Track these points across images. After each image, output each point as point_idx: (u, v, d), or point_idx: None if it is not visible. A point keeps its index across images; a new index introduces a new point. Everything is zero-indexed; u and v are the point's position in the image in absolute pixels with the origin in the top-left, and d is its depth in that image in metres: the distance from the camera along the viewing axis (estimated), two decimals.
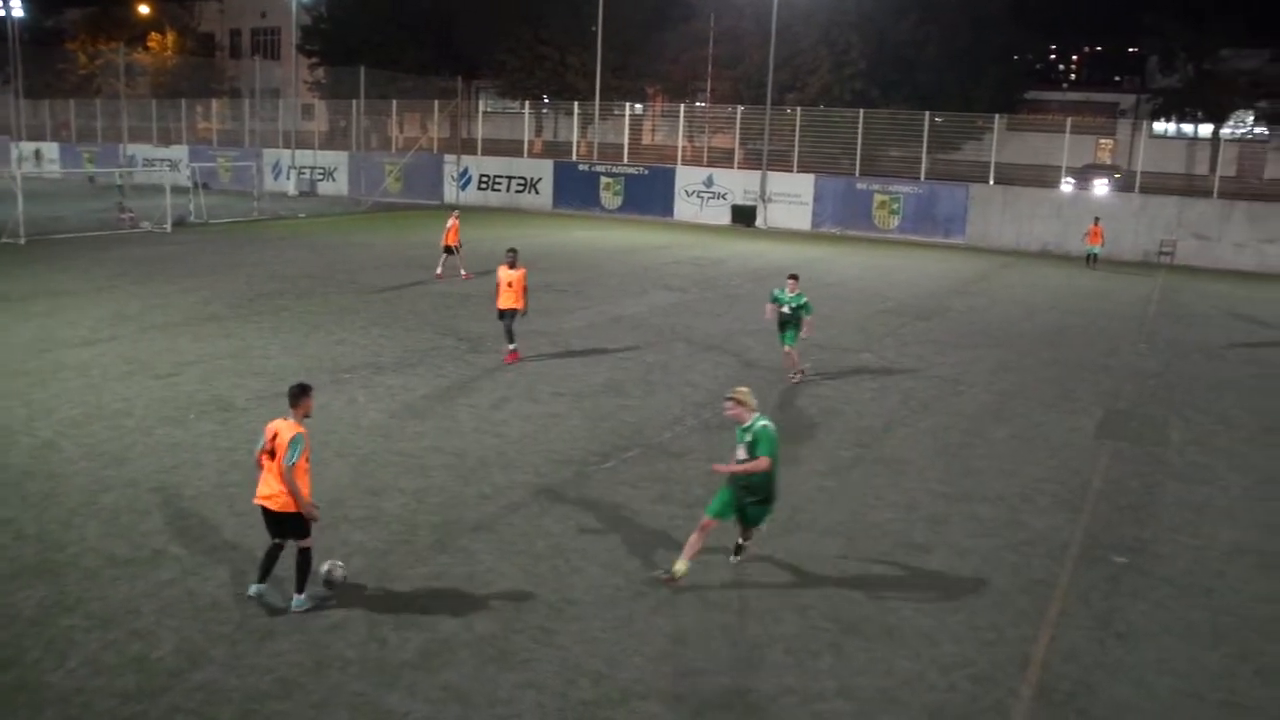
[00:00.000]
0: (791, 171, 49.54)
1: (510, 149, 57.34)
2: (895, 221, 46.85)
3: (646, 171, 52.18)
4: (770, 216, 49.08)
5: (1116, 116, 70.12)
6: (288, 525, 9.31)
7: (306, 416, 9.41)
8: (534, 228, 44.09)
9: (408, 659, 8.73)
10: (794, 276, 18.73)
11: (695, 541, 10.29)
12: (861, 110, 49.44)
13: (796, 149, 49.57)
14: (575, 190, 52.98)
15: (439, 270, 29.33)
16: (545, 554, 10.89)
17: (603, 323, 23.54)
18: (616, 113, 56.45)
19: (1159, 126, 64.89)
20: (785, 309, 18.51)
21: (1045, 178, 48.25)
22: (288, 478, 9.05)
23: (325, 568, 9.79)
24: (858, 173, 48.69)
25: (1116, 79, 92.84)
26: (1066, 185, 48.75)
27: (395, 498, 12.28)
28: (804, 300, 18.45)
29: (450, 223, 30.11)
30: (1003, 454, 15.25)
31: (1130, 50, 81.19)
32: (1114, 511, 13.09)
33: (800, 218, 48.82)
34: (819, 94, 55.31)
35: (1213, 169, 52.60)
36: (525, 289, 19.21)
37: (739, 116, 52.21)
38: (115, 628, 9.01)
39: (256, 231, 39.49)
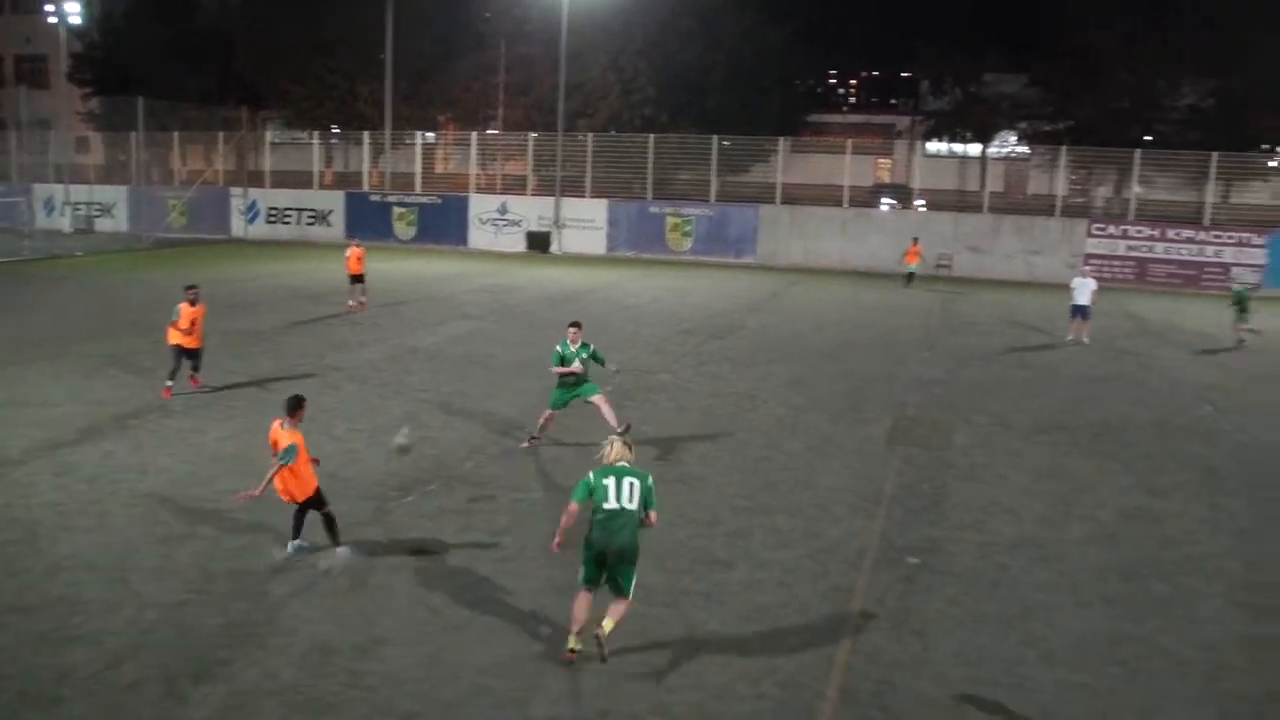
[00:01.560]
0: (585, 197, 50.02)
1: (300, 180, 55.92)
2: (688, 243, 47.86)
3: (440, 200, 51.80)
4: (565, 242, 49.40)
5: (893, 137, 73.41)
6: (309, 504, 11.42)
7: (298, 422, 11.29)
8: (326, 260, 43.10)
9: (210, 714, 8.44)
10: (576, 325, 16.37)
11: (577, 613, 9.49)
12: (651, 135, 50.36)
13: (589, 174, 50.10)
14: (368, 221, 52.06)
15: (350, 302, 29.46)
16: (350, 594, 10.70)
17: (400, 354, 23.25)
18: (408, 141, 55.81)
19: (932, 146, 68.20)
20: (576, 365, 16.02)
21: (830, 197, 50.07)
22: (274, 469, 10.99)
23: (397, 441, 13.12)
24: (650, 196, 49.54)
25: (892, 102, 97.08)
26: (885, 205, 50.95)
27: (189, 545, 11.84)
28: (591, 349, 16.26)
29: (350, 251, 29.89)
30: (799, 466, 15.76)
31: (904, 74, 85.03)
32: (906, 514, 13.71)
33: (595, 242, 49.31)
34: (610, 119, 56.01)
35: (982, 185, 55.59)
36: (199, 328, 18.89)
37: (531, 143, 52.45)
38: None
39: (30, 272, 37.42)
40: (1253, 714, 9.07)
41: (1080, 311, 28.01)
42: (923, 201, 52.51)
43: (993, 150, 65.51)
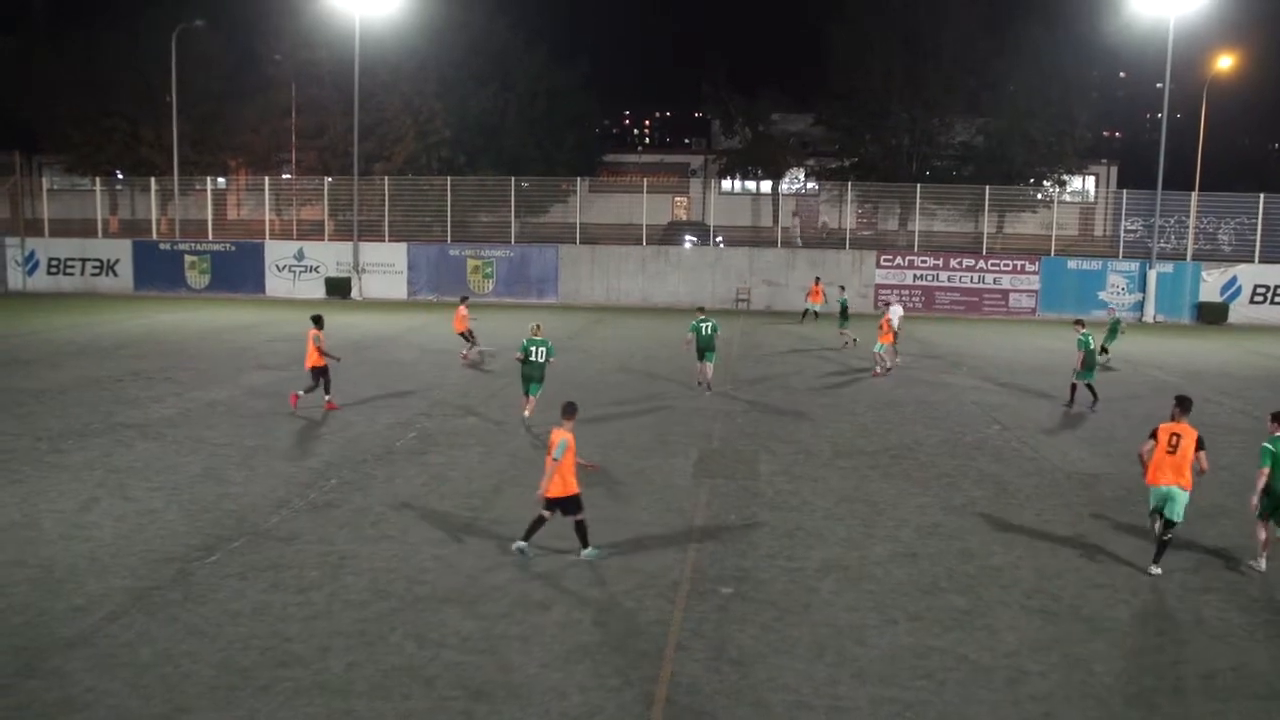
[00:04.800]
0: (384, 241, 49.42)
1: (83, 229, 53.41)
2: (490, 285, 47.76)
3: (234, 248, 50.34)
4: (366, 287, 48.66)
5: (688, 175, 75.07)
6: (564, 506, 12.93)
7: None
8: (114, 312, 41.32)
9: None
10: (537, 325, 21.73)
11: None
12: (449, 177, 50.27)
13: (387, 218, 49.60)
14: (158, 270, 50.21)
15: (467, 352, 29.73)
16: (152, 662, 10.20)
17: (197, 409, 22.38)
18: (198, 187, 54.05)
19: (726, 184, 69.99)
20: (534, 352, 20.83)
21: (629, 235, 50.81)
22: (550, 467, 12.66)
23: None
24: (449, 239, 49.33)
25: (686, 141, 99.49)
26: (688, 242, 51.91)
27: None
28: (548, 344, 21.16)
29: (460, 311, 30.10)
30: (610, 503, 15.85)
31: (696, 115, 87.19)
32: (717, 545, 13.94)
33: (396, 287, 48.78)
34: (407, 162, 55.55)
35: (775, 221, 57.41)
36: None
37: (327, 187, 51.59)
38: None
39: None
40: (1047, 714, 9.55)
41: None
42: (720, 238, 53.87)
43: (783, 186, 67.76)
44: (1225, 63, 63.12)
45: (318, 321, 22.32)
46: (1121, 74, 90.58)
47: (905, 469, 18.36)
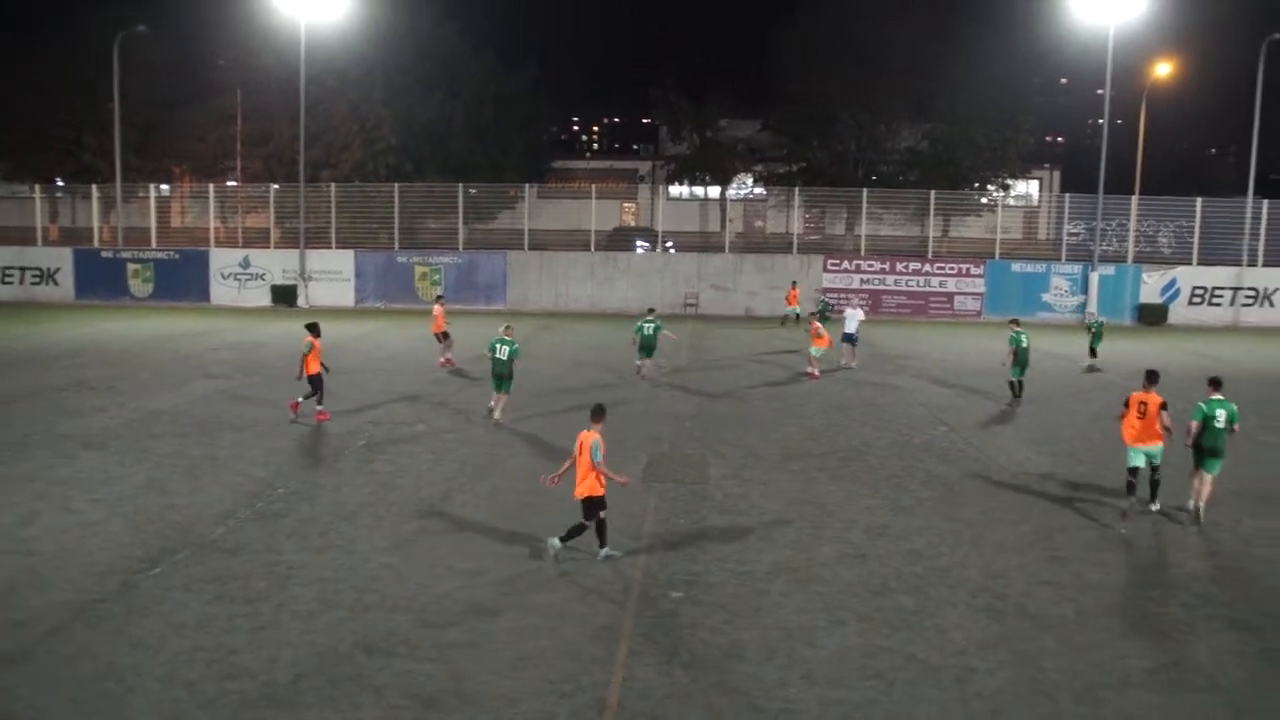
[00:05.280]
0: (331, 248, 49.05)
1: (21, 237, 52.47)
2: (438, 292, 47.48)
3: (178, 255, 49.73)
4: (312, 295, 48.27)
5: (637, 181, 75.18)
6: (587, 506, 13.17)
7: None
8: (55, 322, 40.68)
9: None
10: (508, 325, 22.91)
11: None
12: (396, 184, 49.99)
13: (334, 225, 49.20)
14: (100, 279, 49.47)
15: (445, 357, 29.72)
16: (94, 677, 10.03)
17: (140, 418, 22.06)
18: (141, 195, 53.30)
19: (675, 190, 70.14)
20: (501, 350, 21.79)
21: (578, 241, 50.80)
22: (598, 467, 13.02)
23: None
24: (397, 246, 49.06)
25: (634, 147, 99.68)
26: (640, 247, 52.01)
27: None
28: (514, 345, 22.17)
29: (438, 310, 30.45)
30: (561, 509, 15.77)
31: (644, 121, 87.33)
32: (667, 549, 13.95)
33: (343, 294, 48.42)
34: (353, 169, 55.15)
35: (723, 226, 57.63)
36: None
37: (273, 195, 51.13)
38: None
39: None
40: (994, 711, 9.65)
41: (849, 339, 30.80)
42: (671, 244, 54.02)
43: (731, 192, 68.04)
44: (1164, 70, 64.24)
45: (313, 329, 22.23)
46: (1063, 80, 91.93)
47: (854, 471, 18.49)
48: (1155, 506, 15.96)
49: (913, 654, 10.82)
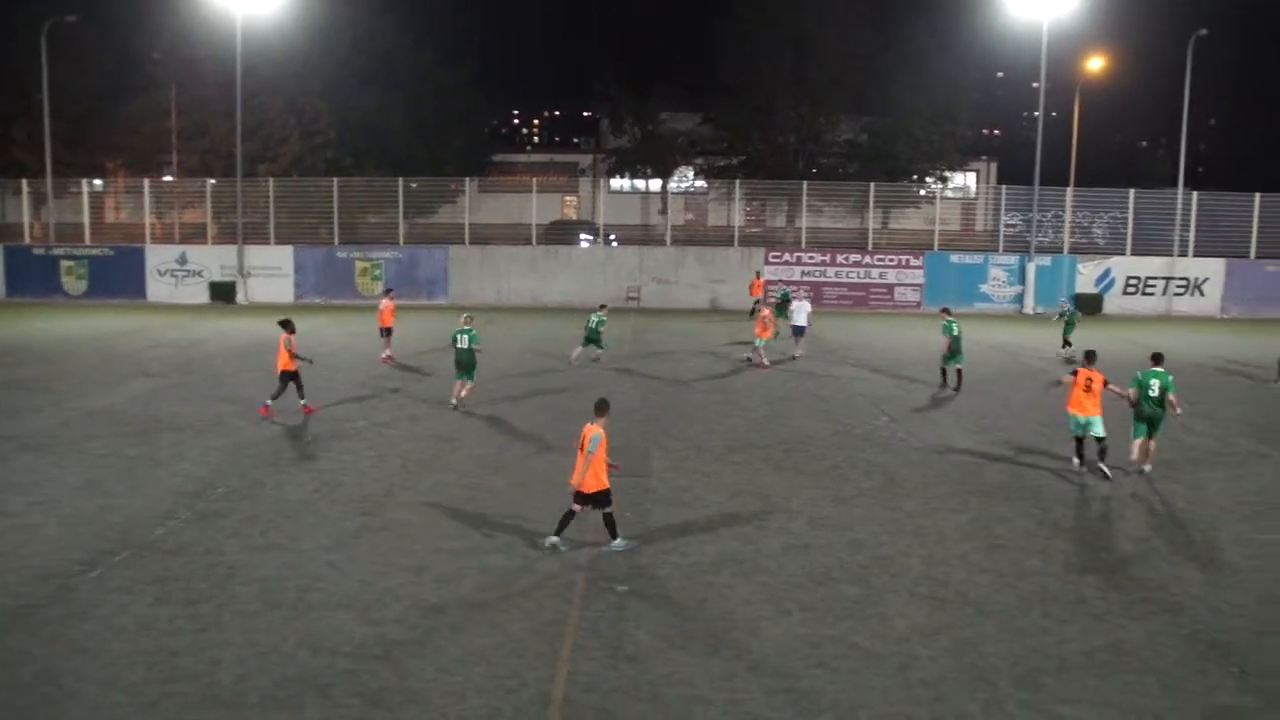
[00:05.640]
0: (270, 244, 48.46)
1: None
2: (379, 287, 47.06)
3: (113, 252, 48.86)
4: (251, 291, 47.66)
5: (578, 175, 75.06)
6: (594, 499, 13.33)
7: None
8: None
9: None
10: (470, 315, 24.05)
11: None
12: (336, 179, 49.46)
13: (273, 220, 48.61)
14: (32, 276, 48.44)
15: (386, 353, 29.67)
16: (32, 682, 9.88)
17: (76, 418, 21.69)
18: (74, 190, 52.27)
19: (616, 183, 70.06)
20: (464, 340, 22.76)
21: (519, 235, 50.64)
22: (591, 458, 13.18)
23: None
24: (337, 241, 48.61)
25: (575, 140, 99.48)
26: (584, 241, 51.96)
27: None
28: (473, 333, 23.00)
29: (388, 304, 30.12)
30: (505, 503, 15.80)
31: (585, 114, 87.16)
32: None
33: (283, 290, 47.86)
34: (292, 163, 54.50)
35: (664, 219, 57.71)
36: None
37: (210, 190, 50.43)
38: None
39: None
40: (937, 698, 9.79)
41: (798, 331, 31.43)
42: (614, 237, 54.00)
43: (673, 185, 68.13)
44: (1096, 64, 65.34)
45: (287, 325, 22.07)
46: (1000, 74, 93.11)
47: (796, 462, 18.63)
48: (1103, 466, 17.75)
49: (856, 642, 10.94)
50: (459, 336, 22.88)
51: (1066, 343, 32.22)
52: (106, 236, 51.12)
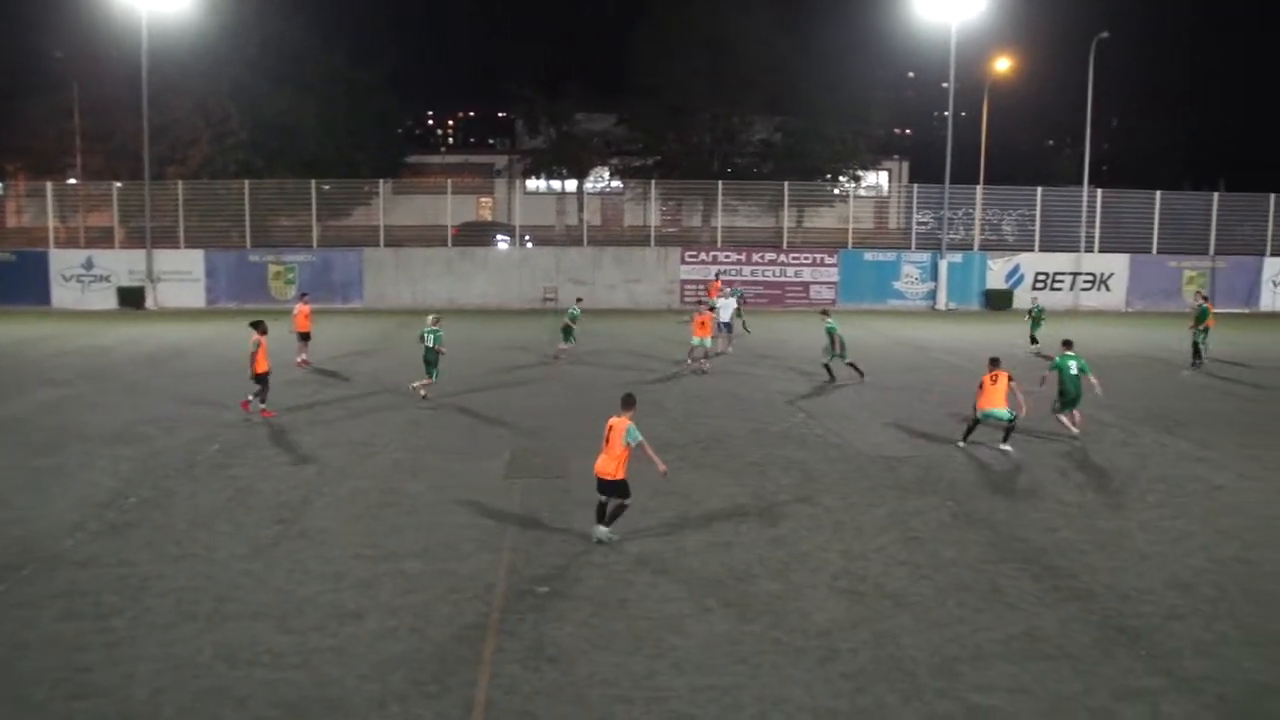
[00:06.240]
0: (180, 248, 47.53)
1: None
2: (293, 291, 46.41)
3: (14, 257, 47.63)
4: (161, 296, 46.75)
5: (493, 176, 74.73)
6: (614, 489, 13.75)
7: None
8: None
9: None
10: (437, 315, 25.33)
11: None
12: (247, 181, 48.66)
13: (182, 224, 47.69)
14: None
15: (301, 358, 29.03)
16: None
17: None
18: None
19: (531, 184, 69.90)
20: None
21: (435, 237, 50.28)
22: (634, 448, 13.62)
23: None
24: (249, 244, 47.83)
25: (490, 141, 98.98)
26: (501, 242, 51.72)
27: None
28: (439, 332, 24.28)
29: (300, 308, 29.65)
30: (423, 508, 15.67)
31: (500, 115, 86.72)
32: (532, 545, 13.93)
33: (194, 295, 47.01)
34: (202, 166, 53.52)
35: (581, 220, 57.71)
36: None
37: (116, 193, 49.31)
38: None
39: None
40: (858, 690, 9.90)
41: (725, 328, 32.10)
42: (529, 238, 53.88)
43: (589, 186, 68.13)
44: (1003, 65, 66.66)
45: (259, 327, 22.24)
46: (911, 74, 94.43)
47: (715, 460, 18.73)
48: (1005, 447, 19.37)
49: (778, 638, 11.03)
50: (425, 335, 24.08)
51: (1034, 339, 32.84)
52: (8, 241, 49.95)
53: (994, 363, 19.85)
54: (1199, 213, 49.89)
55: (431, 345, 24.03)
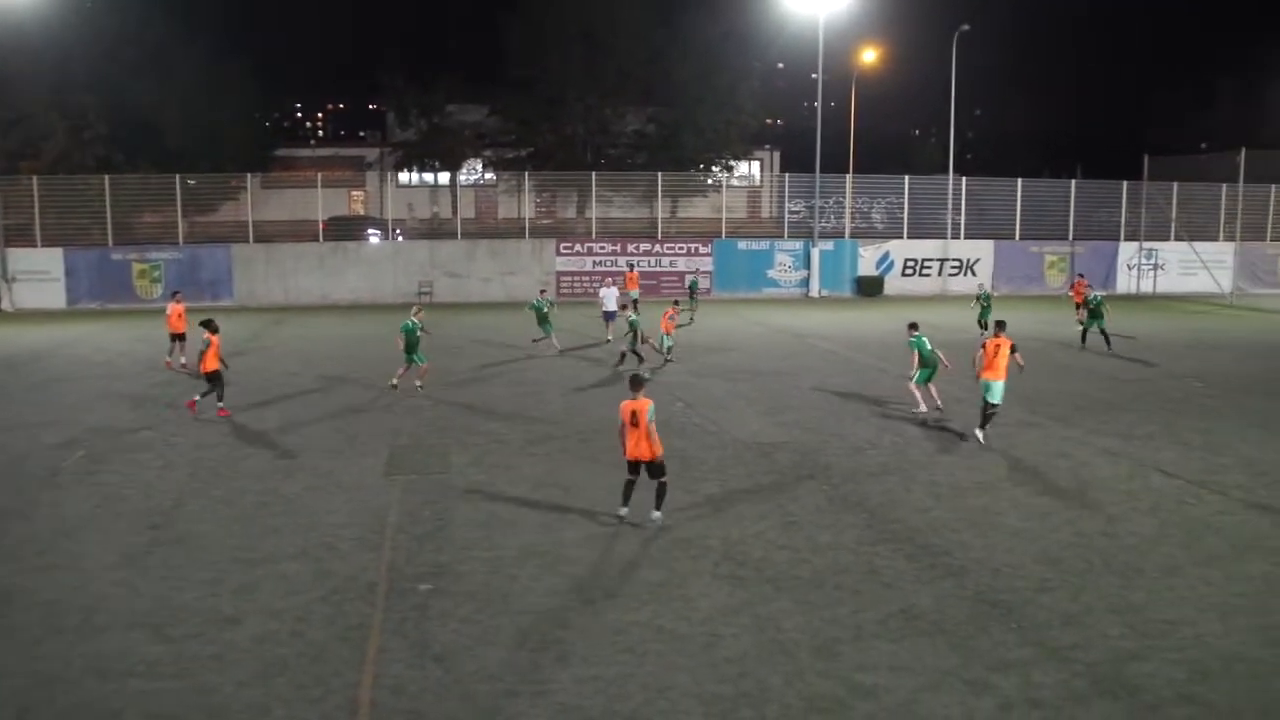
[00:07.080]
0: (36, 246, 45.72)
1: None
2: (159, 289, 45.10)
3: None
4: (18, 297, 44.91)
5: (364, 169, 73.59)
6: (652, 468, 14.23)
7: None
8: None
9: None
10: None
11: None
12: (107, 176, 47.00)
13: (39, 221, 45.85)
14: None
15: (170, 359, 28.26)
16: None
17: None
18: None
19: (404, 177, 68.97)
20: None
21: (306, 232, 49.34)
22: (651, 432, 14.06)
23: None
24: (111, 242, 46.25)
25: (361, 134, 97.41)
26: (373, 237, 50.89)
27: None
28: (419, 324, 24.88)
29: (173, 307, 28.67)
30: (300, 508, 15.42)
31: (370, 107, 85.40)
32: (412, 542, 13.82)
33: (54, 296, 45.26)
34: (58, 161, 51.55)
35: (454, 213, 57.21)
36: None
37: None
38: None
39: None
40: (741, 674, 10.06)
41: (609, 317, 33.04)
42: (400, 231, 53.21)
43: (462, 178, 67.52)
44: (870, 56, 68.06)
45: (209, 325, 21.92)
46: (780, 65, 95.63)
47: (594, 452, 18.77)
48: (979, 434, 19.51)
49: (662, 626, 11.14)
50: (408, 327, 24.71)
51: (983, 325, 33.50)
52: None
53: (1000, 326, 19.80)
54: (1058, 199, 51.69)
55: (412, 332, 24.74)
